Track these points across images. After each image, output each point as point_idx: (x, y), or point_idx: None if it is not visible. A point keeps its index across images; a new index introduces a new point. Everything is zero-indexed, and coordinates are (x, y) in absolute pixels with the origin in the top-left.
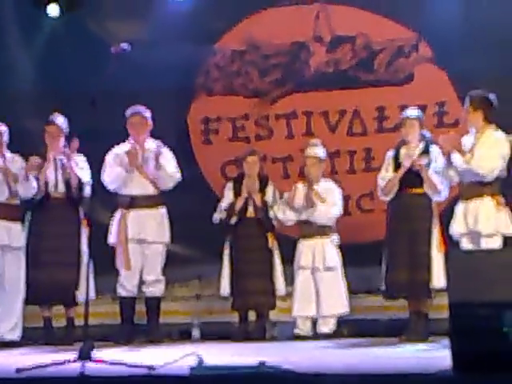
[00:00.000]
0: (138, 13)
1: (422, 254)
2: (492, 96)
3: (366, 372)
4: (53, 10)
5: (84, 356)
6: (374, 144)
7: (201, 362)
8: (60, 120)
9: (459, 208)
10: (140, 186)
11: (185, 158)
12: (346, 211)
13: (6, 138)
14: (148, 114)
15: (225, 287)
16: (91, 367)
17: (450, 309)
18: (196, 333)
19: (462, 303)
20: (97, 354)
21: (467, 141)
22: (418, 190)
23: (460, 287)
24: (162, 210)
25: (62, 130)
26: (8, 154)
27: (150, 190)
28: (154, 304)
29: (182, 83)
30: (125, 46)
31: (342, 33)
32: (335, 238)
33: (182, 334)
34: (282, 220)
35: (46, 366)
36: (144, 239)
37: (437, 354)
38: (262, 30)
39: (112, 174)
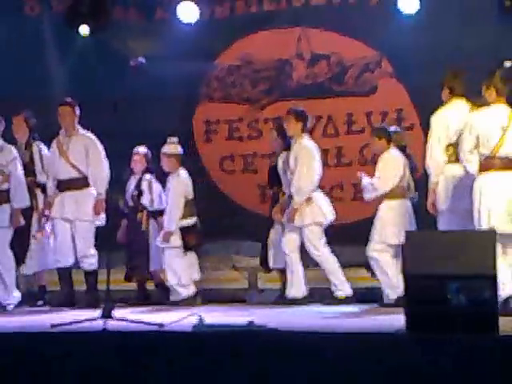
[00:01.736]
0: (153, 33)
1: None
2: (392, 128)
3: (335, 331)
4: (83, 30)
5: (106, 315)
6: (344, 144)
7: (201, 320)
8: None
9: None
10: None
11: (190, 153)
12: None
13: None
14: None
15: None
16: (112, 324)
17: (404, 279)
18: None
19: (414, 275)
20: (116, 313)
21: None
22: None
23: (414, 262)
24: None
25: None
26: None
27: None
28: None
29: (188, 91)
30: (141, 60)
31: (319, 51)
32: None
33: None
34: None
35: (78, 322)
36: None
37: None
38: (254, 48)
39: None
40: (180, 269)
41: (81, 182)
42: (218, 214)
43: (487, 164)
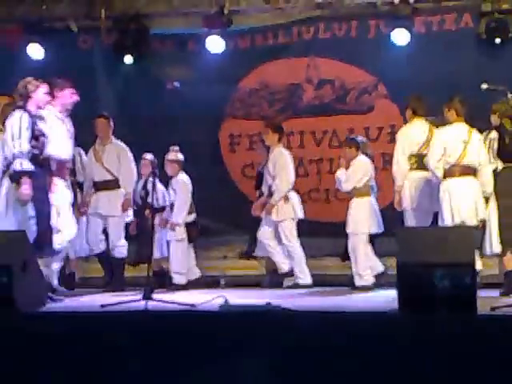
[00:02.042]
0: (186, 62)
1: None
2: (360, 138)
3: (332, 310)
4: (128, 59)
5: (147, 296)
6: None
7: (226, 302)
8: None
9: None
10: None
11: (216, 162)
12: (326, 200)
13: None
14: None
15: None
16: (152, 304)
17: (397, 267)
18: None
19: (405, 264)
20: (156, 295)
21: None
22: None
23: (405, 253)
24: None
25: None
26: None
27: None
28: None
29: (215, 110)
30: (176, 84)
31: (325, 77)
32: None
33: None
34: None
35: (124, 302)
36: None
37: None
38: (270, 74)
39: None
40: (183, 258)
41: (113, 184)
42: (239, 211)
43: (452, 171)
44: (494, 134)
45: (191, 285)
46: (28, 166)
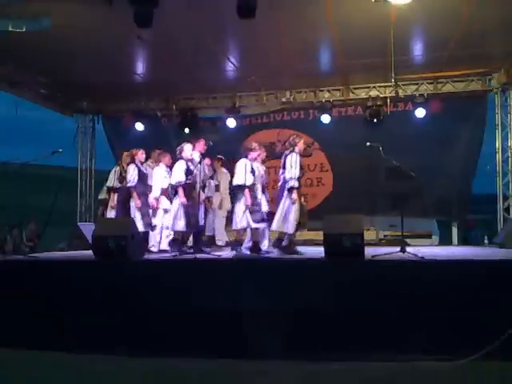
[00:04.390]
0: (216, 131)
1: None
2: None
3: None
4: (186, 130)
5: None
6: None
7: (238, 253)
8: None
9: None
10: None
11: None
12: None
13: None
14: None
15: None
16: (200, 255)
17: (324, 236)
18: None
19: (329, 234)
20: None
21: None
22: None
23: (328, 227)
24: None
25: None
26: None
27: None
28: None
29: (231, 154)
30: (211, 143)
31: (286, 139)
32: None
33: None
34: None
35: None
36: None
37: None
38: (259, 137)
39: None
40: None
41: None
42: None
43: None
44: None
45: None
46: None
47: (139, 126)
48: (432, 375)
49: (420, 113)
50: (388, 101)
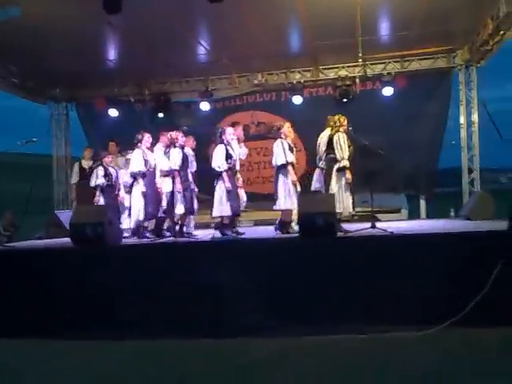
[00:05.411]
0: (190, 115)
1: None
2: None
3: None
4: (160, 115)
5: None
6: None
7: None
8: None
9: None
10: None
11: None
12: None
13: None
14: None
15: None
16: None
17: (298, 214)
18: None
19: (304, 212)
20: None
21: None
22: None
23: (303, 206)
24: None
25: None
26: None
27: None
28: None
29: (206, 138)
30: (186, 128)
31: (260, 120)
32: None
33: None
34: None
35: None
36: None
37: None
38: (233, 120)
39: None
40: None
41: None
42: None
43: None
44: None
45: None
46: None
47: (113, 112)
48: (401, 344)
49: (388, 91)
50: (357, 80)
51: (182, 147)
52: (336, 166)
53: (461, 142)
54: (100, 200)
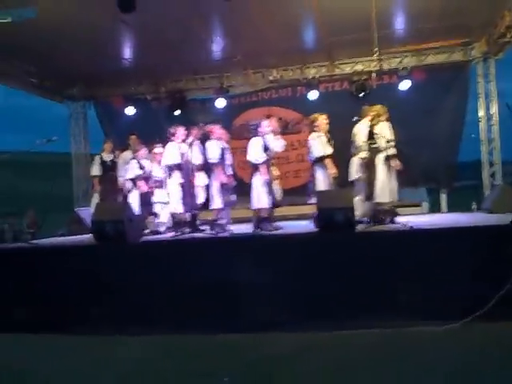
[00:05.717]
0: (206, 112)
1: None
2: None
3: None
4: (177, 112)
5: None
6: (291, 153)
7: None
8: None
9: None
10: None
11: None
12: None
13: None
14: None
15: None
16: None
17: (318, 210)
18: None
19: (323, 208)
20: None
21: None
22: None
23: (322, 202)
24: None
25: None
26: None
27: None
28: None
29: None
30: (202, 124)
31: (276, 116)
32: None
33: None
34: None
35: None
36: None
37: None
38: (249, 116)
39: None
40: None
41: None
42: None
43: None
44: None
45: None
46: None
47: (130, 111)
48: (423, 339)
49: (405, 85)
50: (373, 75)
51: (219, 140)
52: (382, 155)
53: (480, 135)
54: (133, 192)
